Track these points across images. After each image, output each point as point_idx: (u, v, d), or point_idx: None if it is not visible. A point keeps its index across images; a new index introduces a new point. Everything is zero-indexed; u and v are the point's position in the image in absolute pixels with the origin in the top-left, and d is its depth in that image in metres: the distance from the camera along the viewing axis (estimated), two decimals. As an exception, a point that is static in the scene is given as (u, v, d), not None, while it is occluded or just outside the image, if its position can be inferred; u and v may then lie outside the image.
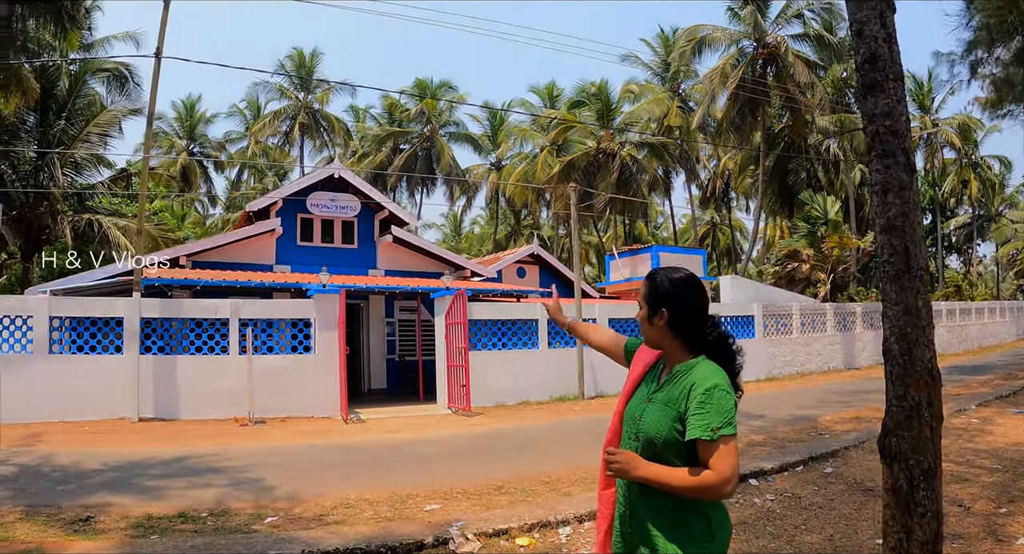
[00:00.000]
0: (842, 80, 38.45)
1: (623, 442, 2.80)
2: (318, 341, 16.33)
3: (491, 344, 18.16)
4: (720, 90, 33.63)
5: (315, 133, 48.65)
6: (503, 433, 13.63)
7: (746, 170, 43.02)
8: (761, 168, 35.24)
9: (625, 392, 2.92)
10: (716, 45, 34.26)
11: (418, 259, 23.05)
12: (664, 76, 43.47)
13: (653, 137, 39.02)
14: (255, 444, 12.31)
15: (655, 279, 2.81)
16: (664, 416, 2.60)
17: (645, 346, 2.98)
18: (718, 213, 57.63)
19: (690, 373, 2.63)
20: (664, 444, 2.56)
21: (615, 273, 31.48)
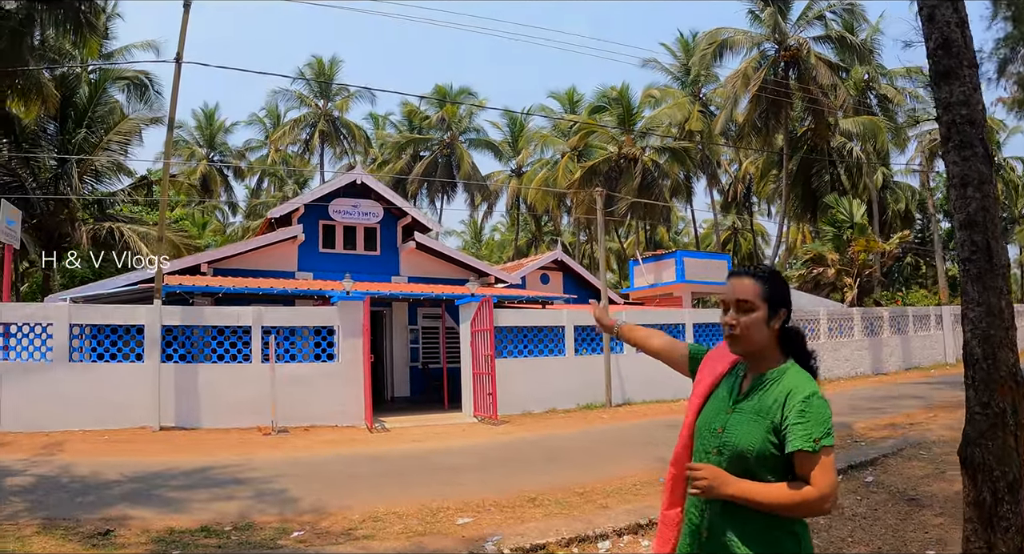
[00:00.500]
0: (864, 82, 37.97)
1: (696, 457, 2.53)
2: (342, 349, 16.03)
3: (517, 351, 17.82)
4: (742, 93, 33.23)
5: (335, 141, 48.58)
6: (531, 442, 13.27)
7: (768, 174, 42.44)
8: (784, 171, 34.77)
9: (695, 404, 2.65)
10: (737, 48, 33.92)
11: (441, 265, 22.74)
12: (684, 80, 43.06)
13: (675, 141, 38.63)
14: (278, 454, 12.01)
15: (775, 277, 2.56)
16: (756, 427, 2.38)
17: (713, 353, 2.75)
18: (739, 218, 57.03)
19: (782, 380, 2.43)
20: (757, 458, 2.34)
21: (639, 279, 31.07)
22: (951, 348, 29.14)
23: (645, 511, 7.49)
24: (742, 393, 2.50)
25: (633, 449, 12.19)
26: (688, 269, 28.90)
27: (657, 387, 19.27)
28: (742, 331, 2.48)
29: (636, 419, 16.29)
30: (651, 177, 37.67)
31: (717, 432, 2.45)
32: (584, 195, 38.19)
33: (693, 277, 28.84)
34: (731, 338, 2.51)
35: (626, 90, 39.59)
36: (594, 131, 39.83)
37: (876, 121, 35.66)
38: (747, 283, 2.52)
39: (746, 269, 2.57)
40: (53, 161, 25.84)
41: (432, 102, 50.18)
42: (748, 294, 2.49)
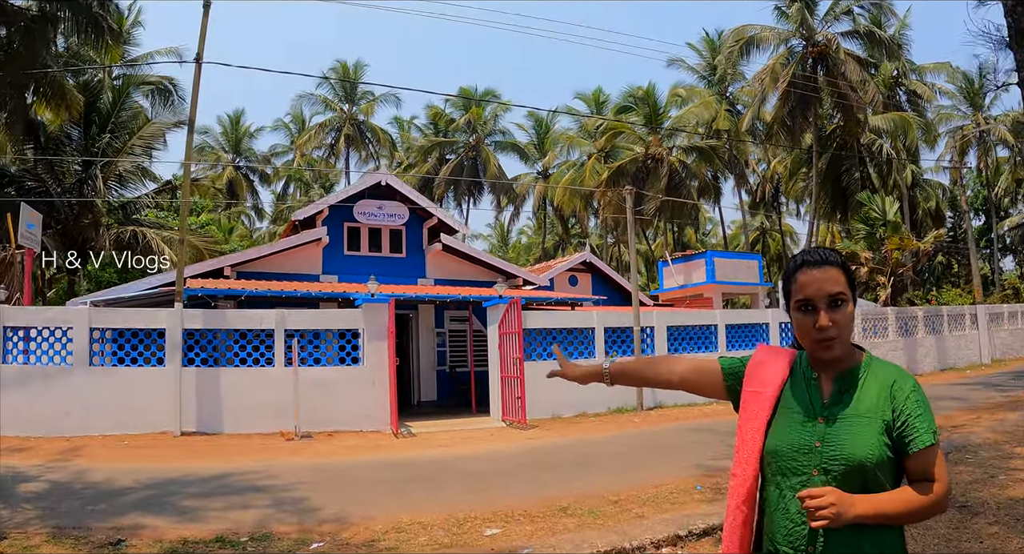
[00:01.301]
0: (893, 78, 37.23)
1: (782, 484, 2.11)
2: (366, 352, 15.63)
3: (546, 354, 17.34)
4: (770, 90, 32.66)
5: (360, 145, 48.40)
6: (561, 447, 12.80)
7: (797, 173, 41.81)
8: (814, 169, 34.14)
9: (759, 422, 2.18)
10: (764, 45, 33.36)
11: (468, 268, 22.33)
12: (711, 79, 42.42)
13: (702, 141, 38.09)
14: (301, 460, 11.62)
15: (846, 262, 2.17)
16: (869, 431, 2.02)
17: (760, 360, 2.30)
18: (768, 218, 56.30)
19: (875, 372, 2.11)
20: (878, 466, 1.99)
21: (669, 280, 30.56)
22: (986, 348, 28.37)
23: (683, 521, 7.04)
24: (828, 397, 2.11)
25: (667, 454, 11.70)
26: (718, 269, 28.42)
27: (686, 389, 18.79)
28: (840, 330, 2.07)
29: (669, 423, 15.78)
30: (679, 177, 37.16)
31: (815, 448, 2.05)
32: (611, 196, 37.78)
33: (723, 277, 28.36)
34: (827, 343, 2.08)
35: (652, 90, 39.15)
36: (621, 131, 39.35)
37: (906, 117, 35.07)
38: (835, 273, 2.10)
39: (824, 255, 2.14)
40: (77, 166, 25.76)
41: (457, 105, 49.84)
42: (840, 285, 2.09)
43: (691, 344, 19.66)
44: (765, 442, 2.14)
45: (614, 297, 26.17)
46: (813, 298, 2.07)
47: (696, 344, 19.72)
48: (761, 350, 2.32)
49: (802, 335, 2.12)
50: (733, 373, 2.34)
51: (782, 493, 2.08)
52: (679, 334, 19.49)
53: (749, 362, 2.31)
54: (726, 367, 2.37)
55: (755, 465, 2.14)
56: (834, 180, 37.22)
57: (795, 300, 2.11)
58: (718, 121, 37.95)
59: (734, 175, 43.72)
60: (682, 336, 19.55)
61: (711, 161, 38.91)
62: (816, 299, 2.06)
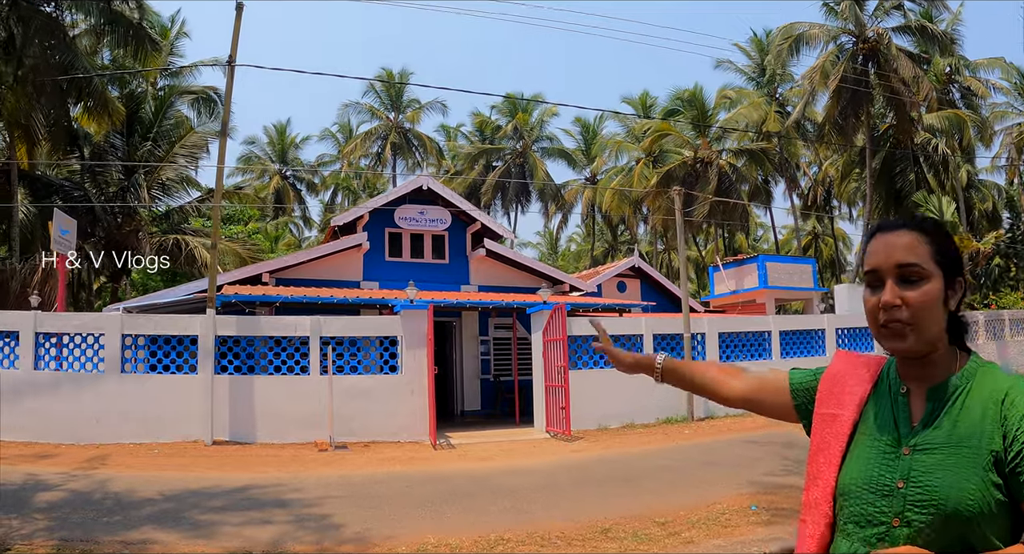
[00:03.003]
0: (946, 75, 35.91)
1: (856, 534, 1.51)
2: (405, 360, 15.05)
3: (592, 362, 16.62)
4: (821, 88, 31.70)
5: (407, 153, 48.08)
6: (607, 461, 12.09)
7: (850, 175, 40.57)
8: (868, 170, 33.06)
9: (831, 453, 1.61)
10: (814, 42, 32.40)
11: (513, 274, 21.70)
12: (759, 81, 41.49)
13: (752, 143, 37.12)
14: (332, 472, 11.05)
15: (942, 231, 1.58)
16: (968, 467, 1.41)
17: (835, 372, 1.72)
18: (819, 223, 54.91)
19: (982, 382, 1.51)
20: (981, 515, 1.38)
21: (720, 285, 29.62)
22: (1049, 352, 26.86)
23: (737, 547, 6.33)
24: (918, 420, 1.53)
25: (719, 469, 10.95)
26: (771, 274, 27.49)
27: (737, 399, 17.98)
28: (913, 314, 1.49)
29: (720, 435, 14.97)
30: (728, 181, 36.21)
31: (896, 489, 1.46)
32: (660, 201, 37.02)
33: (776, 283, 27.42)
34: (893, 328, 1.51)
35: (700, 92, 38.30)
36: (668, 134, 38.51)
37: (961, 115, 33.82)
38: (910, 239, 1.53)
39: (903, 221, 1.55)
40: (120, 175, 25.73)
41: (503, 111, 49.42)
42: (915, 255, 1.52)
43: (743, 352, 18.79)
44: (842, 476, 1.56)
45: (664, 303, 25.33)
46: (879, 268, 1.52)
47: (748, 352, 18.85)
48: (840, 358, 1.74)
49: (869, 320, 1.57)
50: (803, 390, 1.79)
51: (853, 547, 1.49)
52: (731, 341, 18.65)
53: (824, 375, 1.73)
54: (795, 382, 1.82)
55: (827, 509, 1.57)
56: (888, 181, 36.02)
57: (864, 274, 1.52)
58: (768, 123, 37.02)
59: (784, 178, 42.68)
60: (734, 343, 18.71)
61: (762, 164, 37.91)
62: (882, 269, 1.51)
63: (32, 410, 13.53)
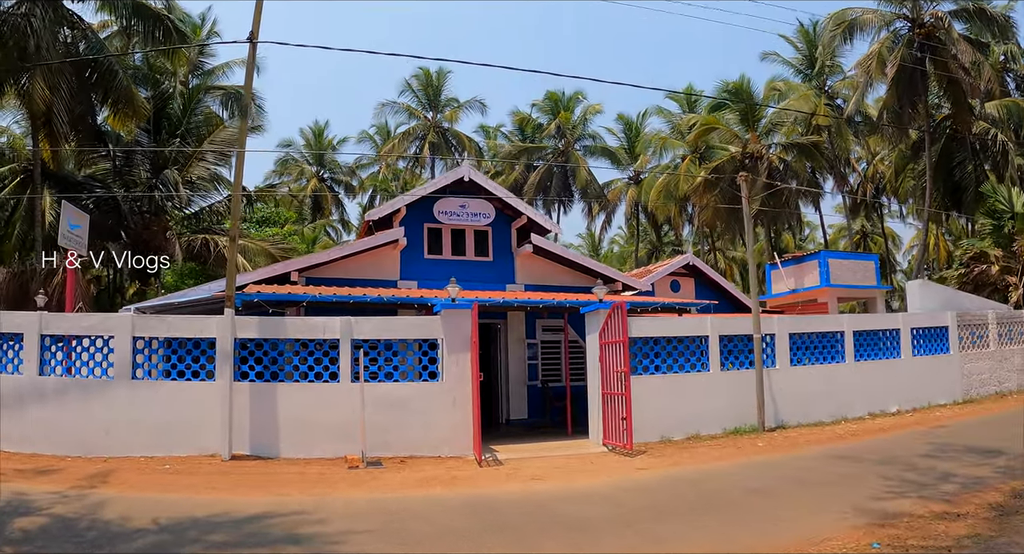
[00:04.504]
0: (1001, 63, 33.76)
1: None
2: (446, 365, 13.49)
3: (653, 367, 14.97)
4: (877, 77, 29.88)
5: (446, 153, 46.78)
6: (680, 482, 10.42)
7: (904, 169, 38.61)
8: (927, 161, 31.21)
9: None
10: (867, 28, 30.71)
11: (562, 272, 20.07)
12: (807, 73, 39.70)
13: (802, 137, 35.27)
14: (360, 496, 9.52)
15: None
16: None
17: None
18: (868, 221, 52.71)
19: None
20: None
21: (777, 284, 27.83)
22: None
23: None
24: None
25: (815, 494, 9.27)
26: (833, 271, 25.79)
27: (813, 407, 16.30)
28: None
29: (798, 449, 13.23)
30: (779, 177, 34.41)
31: None
32: (708, 198, 35.30)
33: (838, 280, 25.72)
34: None
35: (747, 83, 36.69)
36: (715, 128, 36.93)
37: (1021, 103, 32.13)
38: None
39: None
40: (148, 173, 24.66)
41: (545, 109, 48.11)
42: None
43: (815, 354, 17.04)
44: None
45: (720, 304, 23.56)
46: None
47: (820, 354, 17.10)
48: None
49: None
50: None
51: None
52: (802, 343, 16.89)
53: None
54: None
55: None
56: (946, 175, 34.05)
57: None
58: (818, 116, 35.28)
59: (833, 175, 40.78)
60: (805, 345, 16.96)
61: (813, 158, 36.16)
62: None
63: (37, 419, 12.40)
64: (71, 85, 20.68)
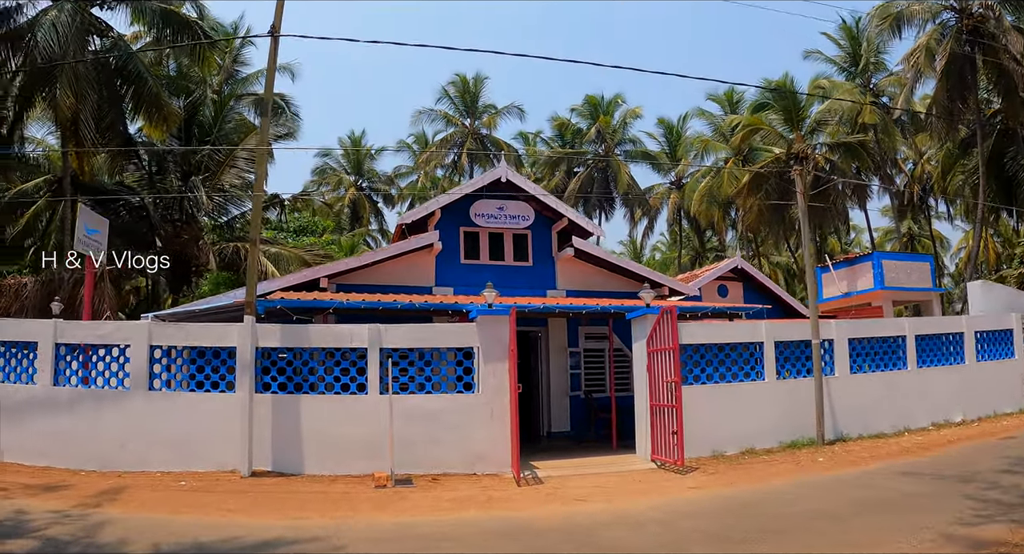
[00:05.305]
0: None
1: None
2: (482, 375, 12.60)
3: (704, 376, 13.93)
4: (926, 71, 28.49)
5: (484, 160, 46.11)
6: (737, 504, 9.39)
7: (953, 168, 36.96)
8: (980, 156, 29.63)
9: None
10: (913, 21, 29.36)
11: (605, 277, 19.09)
12: (851, 71, 38.34)
13: (849, 136, 34.01)
14: (387, 519, 8.64)
15: None
16: None
17: None
18: (915, 223, 50.99)
19: None
20: None
21: (829, 288, 26.55)
22: None
23: None
24: None
25: (892, 518, 8.23)
26: (887, 273, 24.49)
27: (873, 417, 15.11)
28: None
29: (864, 464, 12.13)
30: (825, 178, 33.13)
31: None
32: (752, 202, 34.30)
33: (893, 283, 24.41)
34: None
35: (791, 82, 35.41)
36: (759, 129, 35.68)
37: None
38: None
39: None
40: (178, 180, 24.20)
41: (584, 114, 47.27)
42: None
43: (875, 360, 15.86)
44: None
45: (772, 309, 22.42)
46: None
47: (881, 360, 15.92)
48: None
49: None
50: None
51: None
52: (861, 349, 15.73)
53: None
54: None
55: None
56: (997, 171, 32.52)
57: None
58: (864, 114, 33.91)
59: (879, 175, 39.34)
60: (864, 351, 15.79)
61: (859, 158, 34.79)
62: None
63: (51, 431, 11.80)
64: (99, 93, 20.23)
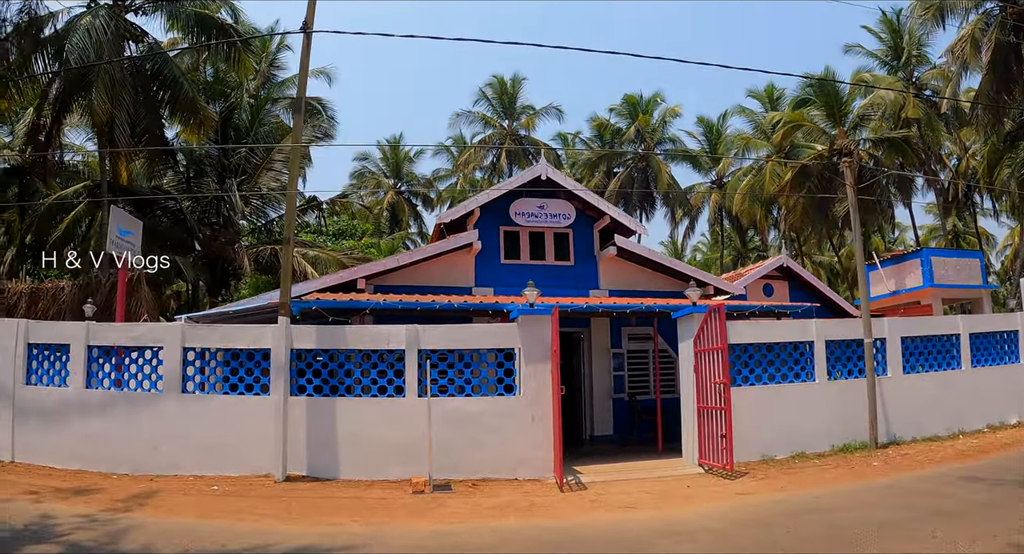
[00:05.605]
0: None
1: None
2: (523, 377, 12.15)
3: (753, 377, 13.37)
4: (972, 61, 27.53)
5: (523, 161, 45.71)
6: (794, 511, 8.84)
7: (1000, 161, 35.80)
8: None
9: None
10: (956, 10, 28.48)
11: (648, 276, 18.62)
12: (893, 65, 37.30)
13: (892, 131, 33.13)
14: (423, 527, 8.25)
15: None
16: None
17: None
18: (960, 220, 49.60)
19: None
20: None
21: (876, 286, 25.81)
22: None
23: None
24: None
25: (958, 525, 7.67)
26: (936, 270, 23.87)
27: (927, 419, 14.39)
28: None
29: (920, 468, 11.48)
30: (870, 174, 32.26)
31: None
32: (794, 201, 33.80)
33: (942, 280, 23.75)
34: None
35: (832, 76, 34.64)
36: (801, 126, 34.89)
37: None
38: None
39: None
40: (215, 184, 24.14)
41: (623, 114, 46.67)
42: None
43: (928, 360, 15.13)
44: None
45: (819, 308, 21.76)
46: None
47: (934, 360, 15.18)
48: None
49: None
50: None
51: None
52: (914, 348, 15.03)
53: None
54: None
55: None
56: (1048, 165, 31.55)
57: None
58: (907, 108, 32.97)
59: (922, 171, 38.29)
60: (917, 350, 15.08)
61: (903, 154, 33.84)
62: None
63: (84, 434, 11.69)
64: (135, 98, 20.21)
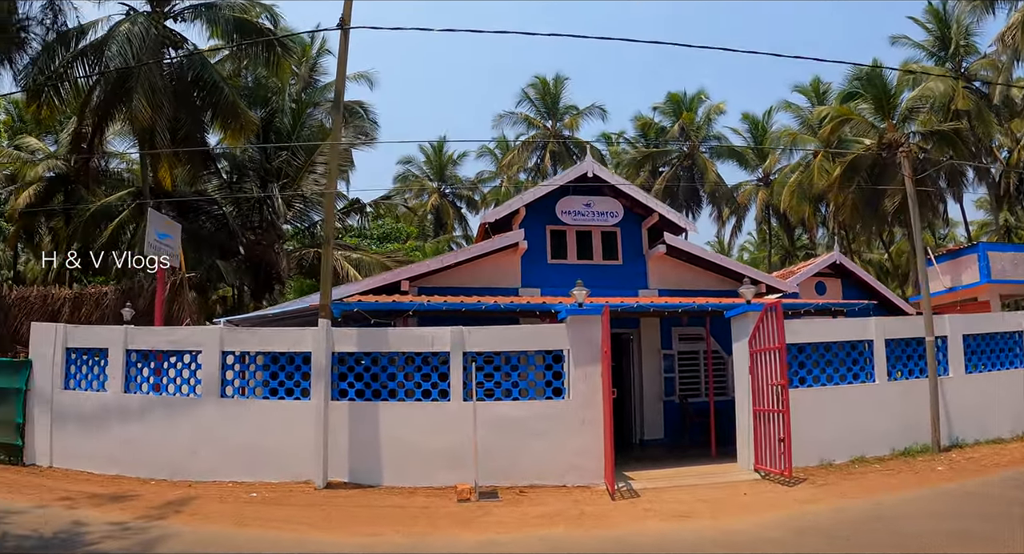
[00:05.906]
0: None
1: None
2: (572, 380, 11.73)
3: (811, 378, 12.76)
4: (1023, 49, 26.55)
5: (567, 162, 45.29)
6: (855, 519, 8.32)
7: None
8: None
9: None
10: None
11: (698, 274, 18.08)
12: (940, 55, 36.13)
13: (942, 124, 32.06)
14: (467, 537, 7.87)
15: None
16: None
17: None
18: (1012, 215, 48.07)
19: None
20: None
21: (932, 282, 24.72)
22: None
23: None
24: None
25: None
26: (994, 266, 23.05)
27: (990, 421, 13.63)
28: None
29: (988, 472, 10.87)
30: (921, 169, 31.24)
31: None
32: (843, 198, 32.98)
33: (1000, 276, 22.90)
34: None
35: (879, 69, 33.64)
36: (849, 120, 33.96)
37: None
38: None
39: None
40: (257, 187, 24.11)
41: (666, 112, 46.15)
42: None
43: (991, 358, 14.36)
44: None
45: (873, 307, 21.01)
46: None
47: (997, 359, 14.42)
48: None
49: None
50: None
51: None
52: (976, 346, 14.32)
53: None
54: None
55: None
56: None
57: None
58: (957, 100, 31.84)
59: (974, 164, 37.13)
60: (979, 349, 14.36)
61: (954, 147, 32.75)
62: None
63: (123, 439, 11.61)
64: (175, 104, 20.22)
